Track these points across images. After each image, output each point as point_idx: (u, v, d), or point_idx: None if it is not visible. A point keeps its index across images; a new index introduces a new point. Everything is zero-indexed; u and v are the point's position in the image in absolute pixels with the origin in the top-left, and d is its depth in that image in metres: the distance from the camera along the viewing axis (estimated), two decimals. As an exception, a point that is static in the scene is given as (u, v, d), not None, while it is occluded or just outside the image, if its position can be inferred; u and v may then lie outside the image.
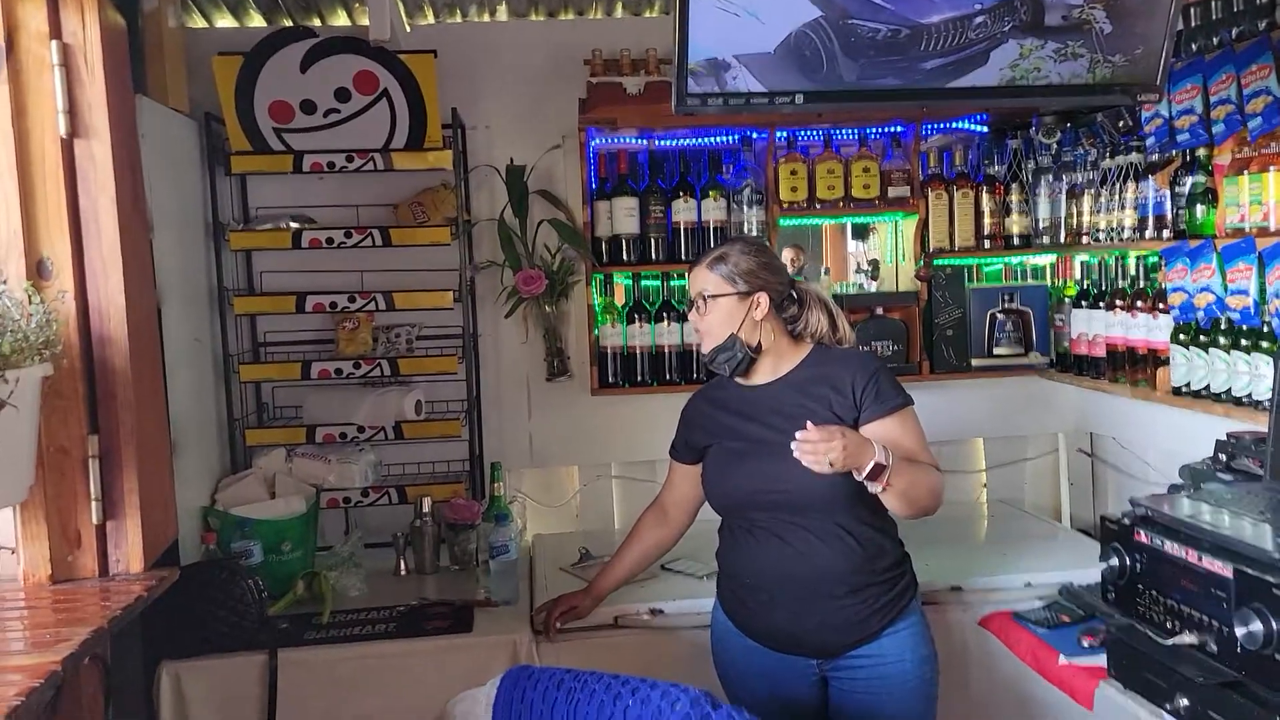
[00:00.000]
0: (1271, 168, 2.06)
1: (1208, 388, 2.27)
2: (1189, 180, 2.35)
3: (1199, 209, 2.32)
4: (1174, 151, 2.45)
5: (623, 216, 2.92)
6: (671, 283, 2.99)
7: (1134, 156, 2.58)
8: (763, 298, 1.99)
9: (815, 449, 1.75)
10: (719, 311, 1.98)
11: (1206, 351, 2.26)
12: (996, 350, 3.05)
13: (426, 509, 2.71)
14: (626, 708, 1.56)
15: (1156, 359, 2.52)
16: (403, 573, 2.71)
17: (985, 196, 3.02)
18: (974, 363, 3.05)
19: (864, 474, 1.80)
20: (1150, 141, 2.53)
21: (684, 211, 2.95)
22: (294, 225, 2.74)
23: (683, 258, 2.95)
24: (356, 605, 2.45)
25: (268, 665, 2.17)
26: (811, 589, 1.93)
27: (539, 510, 3.16)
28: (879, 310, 3.07)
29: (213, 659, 2.19)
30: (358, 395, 2.80)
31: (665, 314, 2.96)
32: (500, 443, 3.03)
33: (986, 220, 3.03)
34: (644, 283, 3.01)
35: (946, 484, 1.99)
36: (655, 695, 1.57)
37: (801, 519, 1.94)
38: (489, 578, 2.47)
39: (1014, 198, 3.01)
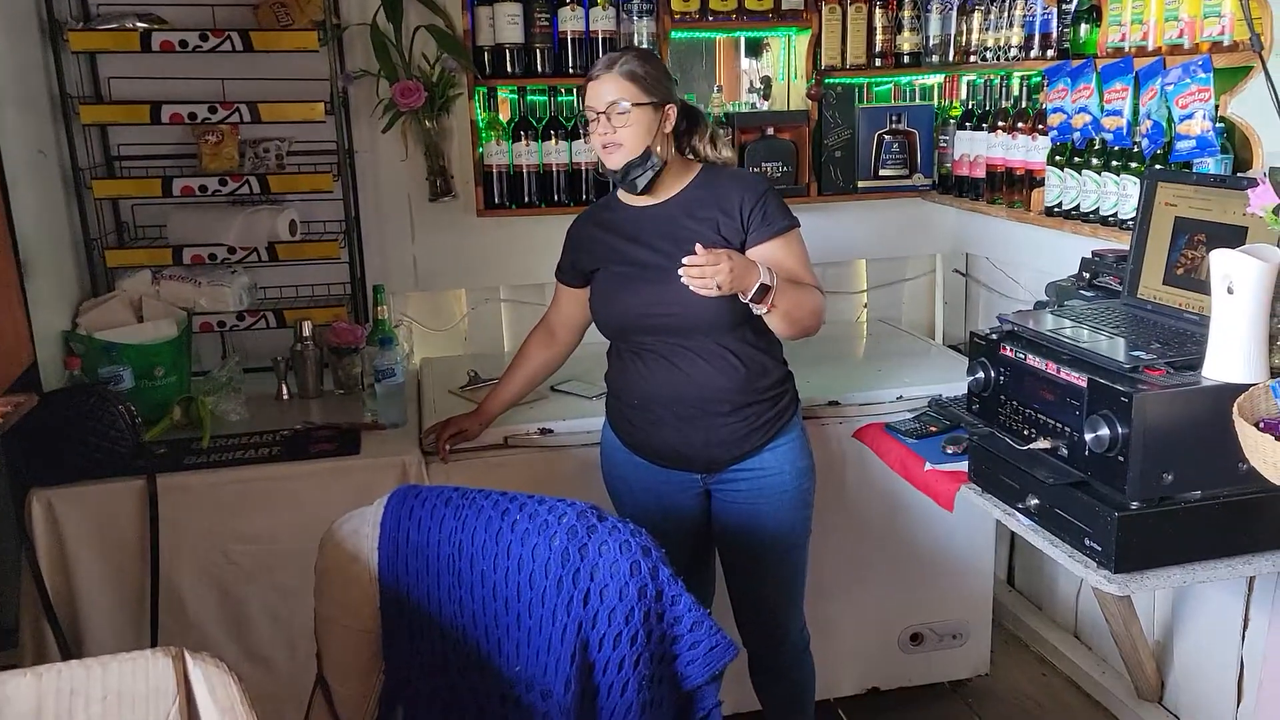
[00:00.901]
0: (1156, -15, 2.06)
1: (1078, 207, 2.35)
2: (1076, -2, 2.34)
3: (1083, 27, 2.32)
4: (1065, -33, 2.43)
5: (506, 24, 2.76)
6: (559, 98, 2.87)
7: (1026, -29, 2.55)
8: (672, 110, 1.95)
9: (702, 273, 1.75)
10: (636, 123, 1.91)
11: (1079, 172, 2.32)
12: (883, 172, 3.07)
13: (307, 333, 2.64)
14: (515, 522, 1.60)
15: (1033, 180, 2.58)
16: (285, 397, 2.66)
17: (879, 12, 2.96)
18: (860, 184, 3.07)
19: (749, 296, 1.82)
20: (1042, -43, 2.49)
21: (571, 20, 2.80)
22: (141, 25, 2.49)
23: (570, 70, 2.83)
24: (237, 430, 2.40)
25: (146, 490, 2.13)
26: (698, 409, 1.98)
27: (426, 334, 3.12)
28: (770, 130, 3.03)
29: (87, 485, 2.13)
30: (227, 215, 2.65)
31: (553, 131, 2.85)
32: (383, 265, 2.93)
33: (879, 37, 2.98)
34: (529, 98, 2.88)
35: (829, 305, 2.04)
36: (543, 510, 1.60)
37: (687, 341, 1.96)
38: (375, 401, 2.45)
39: (906, 14, 2.95)
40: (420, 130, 2.82)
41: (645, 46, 2.81)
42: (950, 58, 2.91)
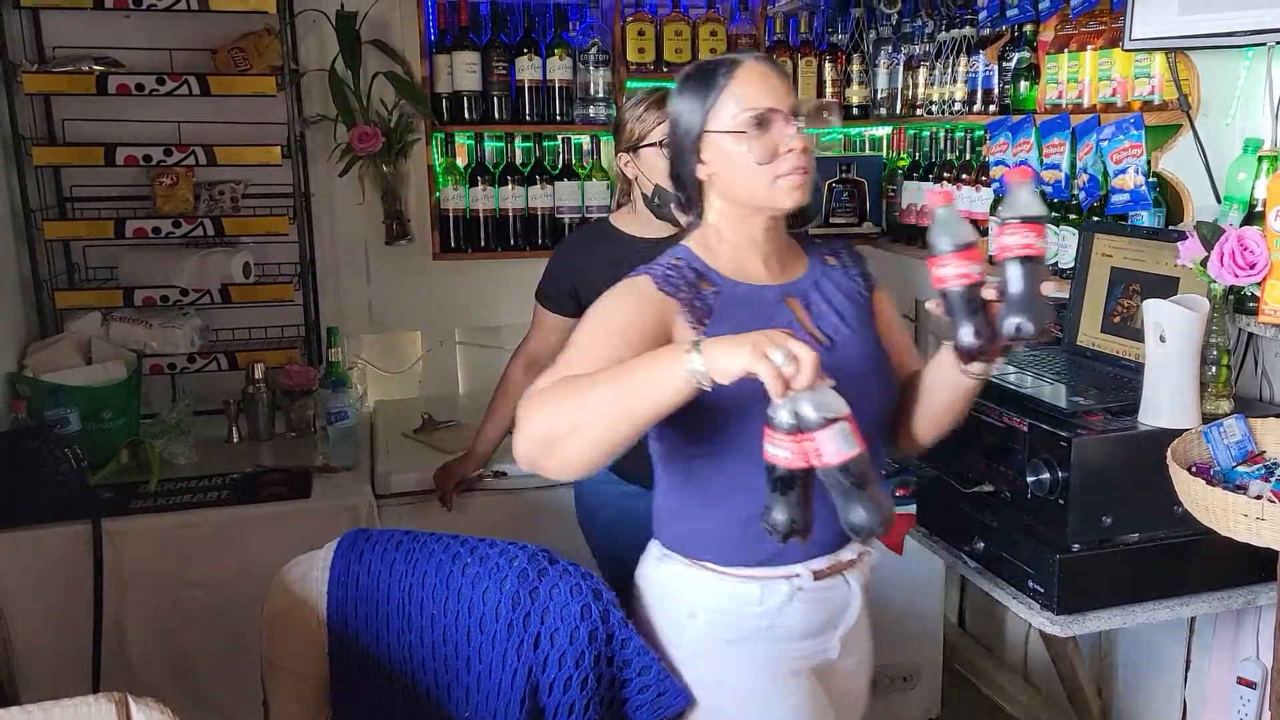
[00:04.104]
0: (1089, 46, 2.15)
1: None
2: (1015, 56, 2.43)
3: (1022, 84, 2.41)
4: (1004, 27, 2.52)
5: (464, 72, 2.80)
6: (516, 144, 2.91)
7: (967, 30, 2.64)
8: None
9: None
10: None
11: (1022, 223, 2.39)
12: (833, 219, 3.14)
13: (259, 375, 2.63)
14: (465, 565, 1.59)
15: (978, 229, 2.66)
16: (236, 440, 2.63)
17: (828, 65, 3.05)
18: (812, 231, 3.13)
19: None
20: (982, 16, 2.58)
21: (529, 70, 2.85)
22: (97, 68, 2.49)
23: (527, 118, 2.87)
24: (187, 474, 2.37)
25: (91, 535, 2.09)
26: None
27: (380, 377, 3.11)
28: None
29: (30, 530, 2.09)
30: (179, 256, 2.64)
31: (509, 176, 2.89)
32: (338, 308, 2.93)
33: (829, 90, 3.07)
34: (487, 143, 2.92)
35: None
36: (494, 553, 1.60)
37: None
38: (327, 444, 2.44)
39: (855, 68, 3.04)
40: (377, 174, 2.84)
41: (601, 97, 2.87)
42: (897, 110, 3.00)
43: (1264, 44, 1.75)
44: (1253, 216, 1.64)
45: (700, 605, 1.45)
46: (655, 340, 1.31)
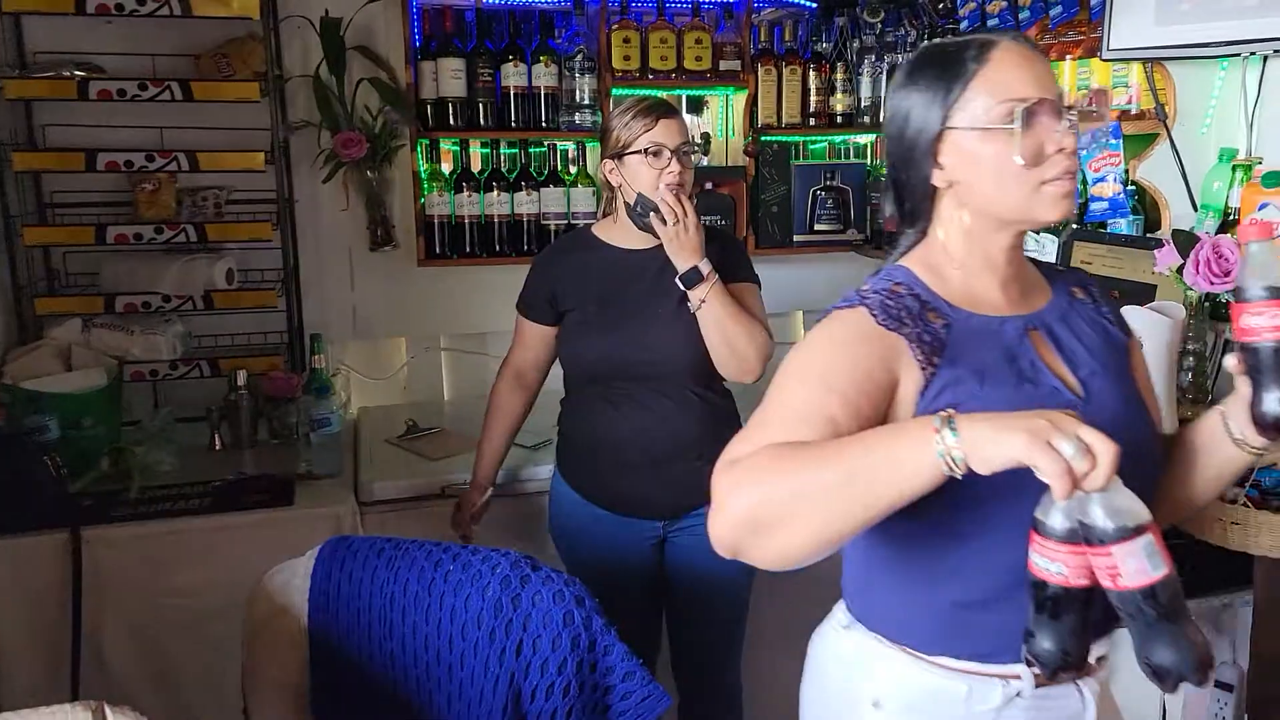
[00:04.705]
0: (1068, 56, 2.17)
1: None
2: (998, 65, 2.46)
3: (1005, 94, 2.43)
4: (987, 36, 2.54)
5: (449, 78, 2.80)
6: (501, 150, 2.91)
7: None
8: None
9: (683, 212, 1.87)
10: None
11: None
12: (818, 226, 3.16)
13: (242, 382, 2.61)
14: (448, 572, 1.59)
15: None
16: (218, 448, 2.62)
17: (812, 74, 3.07)
18: (797, 238, 3.15)
19: (683, 271, 1.88)
20: (964, 25, 2.61)
21: (514, 76, 2.85)
22: (79, 74, 2.48)
23: (512, 124, 2.88)
24: (169, 481, 2.35)
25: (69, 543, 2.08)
26: (668, 453, 2.00)
27: (364, 384, 3.10)
28: (709, 185, 3.10)
29: (8, 539, 2.07)
30: (162, 263, 2.63)
31: (495, 183, 2.89)
32: (322, 314, 2.92)
33: (813, 98, 3.08)
34: (472, 150, 2.92)
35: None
36: (476, 560, 1.60)
37: (663, 385, 1.99)
38: (310, 451, 2.43)
39: (839, 76, 3.06)
40: (362, 180, 2.84)
41: (588, 103, 2.88)
42: (881, 119, 3.01)
43: (1238, 55, 1.77)
44: (1228, 224, 1.66)
45: (889, 694, 1.20)
46: (875, 389, 1.07)
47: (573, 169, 2.96)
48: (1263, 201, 1.50)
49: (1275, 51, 1.74)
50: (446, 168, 2.93)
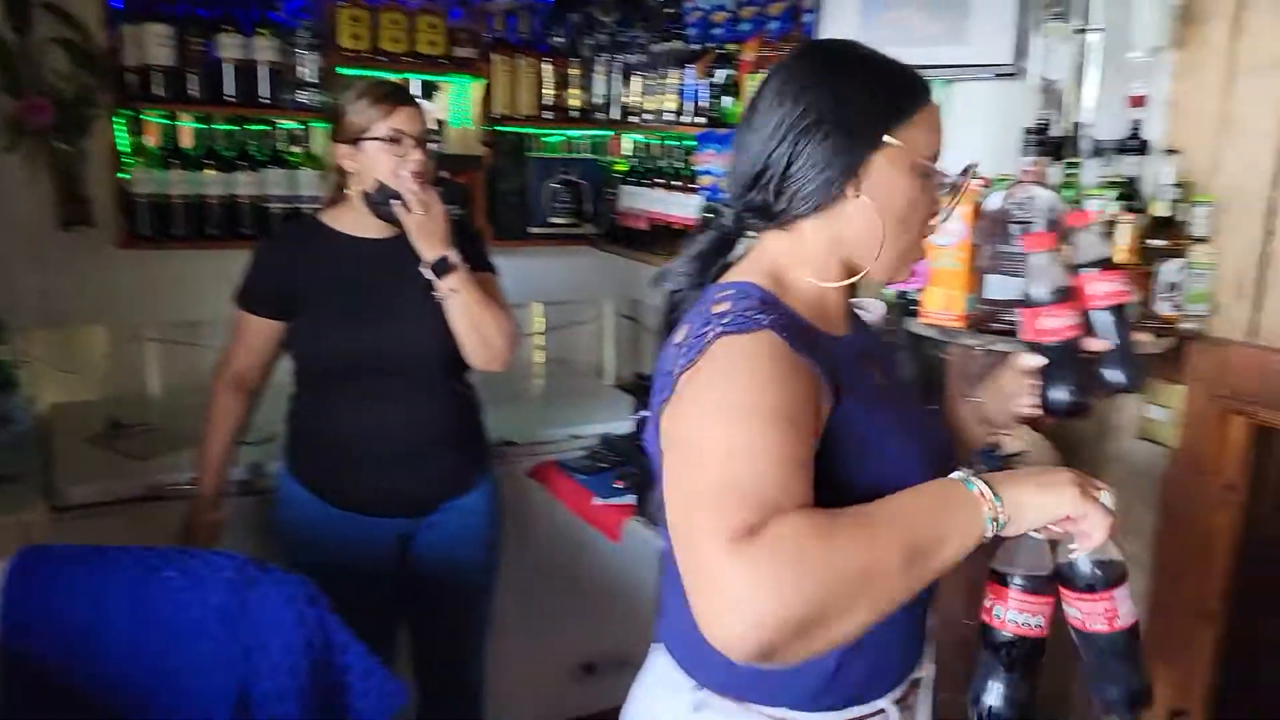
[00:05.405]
0: (785, 68, 2.35)
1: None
2: (720, 73, 2.61)
3: (726, 100, 2.59)
4: (710, 44, 2.69)
5: (154, 44, 2.57)
6: (214, 126, 2.71)
7: (677, 44, 2.79)
8: None
9: (423, 195, 1.85)
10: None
11: (727, 228, 2.57)
12: (554, 220, 3.20)
13: (-98, 377, 2.27)
14: (166, 580, 1.48)
15: (689, 233, 2.81)
16: None
17: (548, 68, 3.10)
18: (533, 231, 3.18)
19: (429, 260, 1.84)
20: (692, 32, 2.74)
21: (230, 47, 2.66)
22: None
23: (228, 99, 2.69)
24: None
25: None
26: (417, 447, 1.94)
27: (56, 377, 2.78)
28: (444, 173, 3.05)
29: None
30: None
31: (209, 161, 2.69)
32: (5, 299, 2.58)
33: (548, 92, 3.12)
34: (182, 124, 2.69)
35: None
36: (197, 564, 1.49)
37: (407, 377, 1.93)
38: (-9, 453, 2.16)
39: (574, 72, 3.12)
40: (51, 151, 2.54)
41: (313, 83, 2.75)
42: (615, 116, 3.10)
43: (930, 79, 1.99)
44: (918, 228, 1.86)
45: None
46: (815, 423, 0.96)
47: (298, 150, 2.81)
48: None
49: (957, 77, 1.98)
50: (153, 142, 2.69)
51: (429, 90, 3.29)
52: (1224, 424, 1.72)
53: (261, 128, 2.77)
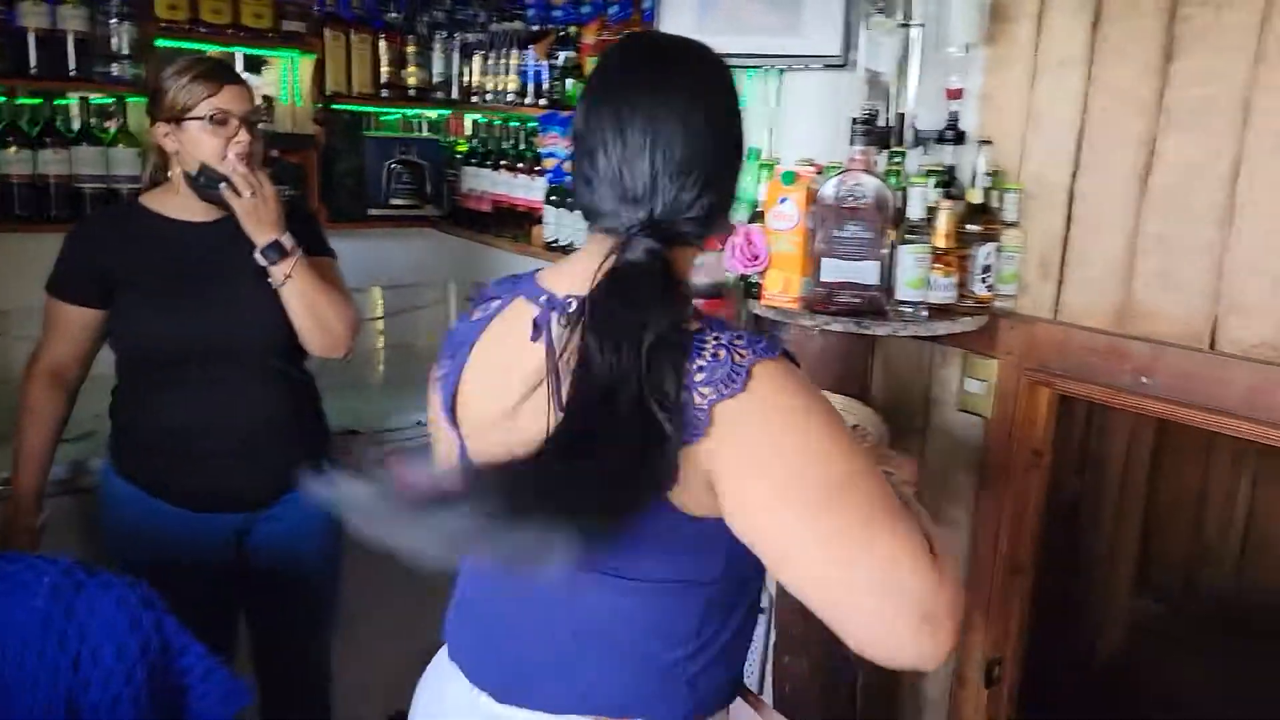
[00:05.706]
0: (626, 53, 2.37)
1: (573, 244, 2.60)
2: (562, 55, 2.61)
3: (568, 82, 2.59)
4: (551, 26, 2.69)
5: (-54, 10, 2.35)
6: (17, 101, 2.50)
7: (517, 25, 2.78)
8: None
9: (255, 182, 1.79)
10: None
11: (572, 211, 2.58)
12: (394, 201, 3.13)
13: None
14: (-23, 589, 1.37)
15: (533, 217, 2.81)
16: None
17: (384, 44, 3.02)
18: (372, 212, 3.10)
19: (261, 246, 1.79)
20: (530, 13, 2.73)
21: (34, 16, 2.46)
22: None
23: (32, 71, 2.49)
24: None
25: None
26: (254, 439, 1.87)
27: None
28: (275, 153, 2.93)
29: None
30: None
31: (10, 137, 2.48)
32: None
33: (384, 69, 3.04)
34: (-21, 96, 2.48)
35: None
36: (16, 569, 1.40)
37: (240, 367, 1.85)
38: None
39: (410, 49, 3.05)
40: None
41: (126, 54, 2.58)
42: (455, 96, 3.06)
43: (761, 68, 2.06)
44: (757, 215, 1.93)
45: None
46: None
47: (111, 126, 2.63)
48: (783, 196, 1.77)
49: (789, 67, 2.05)
50: (-55, 114, 2.47)
51: (256, 65, 3.15)
52: (1032, 395, 1.87)
53: (69, 102, 2.58)
